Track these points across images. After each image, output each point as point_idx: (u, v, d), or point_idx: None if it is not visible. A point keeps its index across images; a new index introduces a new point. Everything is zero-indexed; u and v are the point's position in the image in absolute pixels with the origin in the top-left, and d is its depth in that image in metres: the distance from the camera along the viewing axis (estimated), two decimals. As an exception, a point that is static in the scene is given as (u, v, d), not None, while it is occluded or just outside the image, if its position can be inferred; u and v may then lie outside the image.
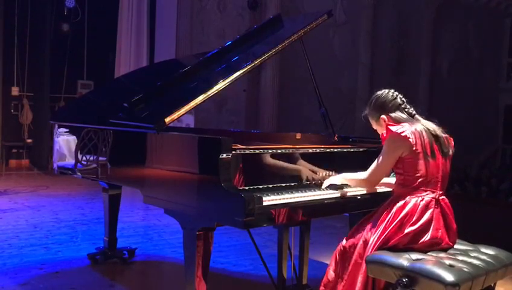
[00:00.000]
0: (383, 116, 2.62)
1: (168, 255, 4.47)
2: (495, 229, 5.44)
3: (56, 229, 5.21)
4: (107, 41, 10.19)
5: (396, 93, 2.67)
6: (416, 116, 2.62)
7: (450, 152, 2.58)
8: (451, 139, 2.63)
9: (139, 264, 4.20)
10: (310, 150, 2.91)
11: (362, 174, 2.65)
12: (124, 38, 10.04)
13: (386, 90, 2.68)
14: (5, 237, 4.76)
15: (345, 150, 3.12)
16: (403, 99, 2.65)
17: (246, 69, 2.98)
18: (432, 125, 2.57)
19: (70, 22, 10.30)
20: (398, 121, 2.57)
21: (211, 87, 2.84)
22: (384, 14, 12.20)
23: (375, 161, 2.57)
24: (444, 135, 2.57)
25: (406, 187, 2.50)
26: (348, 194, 2.80)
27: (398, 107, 2.61)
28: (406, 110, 2.62)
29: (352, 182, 2.75)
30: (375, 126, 2.72)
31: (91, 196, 7.04)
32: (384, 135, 2.55)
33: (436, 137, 2.53)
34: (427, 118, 2.63)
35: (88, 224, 5.47)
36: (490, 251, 2.51)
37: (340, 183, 2.78)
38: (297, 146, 2.94)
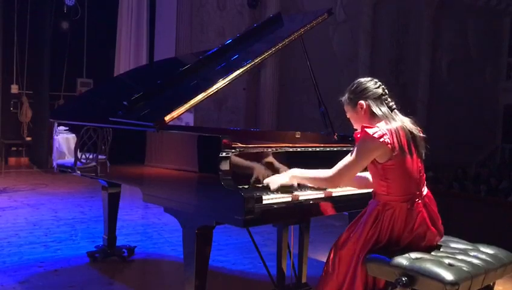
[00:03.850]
0: (362, 101, 2.46)
1: (167, 253, 4.47)
2: (494, 228, 5.45)
3: (55, 227, 5.21)
4: (106, 39, 10.19)
5: (379, 83, 2.51)
6: (395, 110, 2.48)
7: (424, 153, 2.46)
8: (423, 135, 2.48)
9: (138, 263, 4.20)
10: (310, 149, 2.91)
11: (323, 173, 2.46)
12: (123, 36, 10.03)
13: (369, 78, 2.53)
14: (4, 235, 4.76)
15: (344, 148, 3.12)
16: (386, 90, 2.49)
17: (246, 67, 2.98)
18: (408, 123, 2.44)
19: (70, 19, 10.28)
20: (375, 114, 2.43)
21: (210, 85, 2.85)
22: (384, 12, 12.19)
23: (343, 160, 2.42)
24: (420, 135, 2.44)
25: (391, 195, 2.40)
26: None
27: (380, 98, 2.46)
28: (386, 102, 2.46)
29: (309, 181, 2.55)
30: (349, 114, 2.56)
31: (90, 194, 7.03)
32: (358, 136, 2.41)
33: (413, 136, 2.40)
34: (406, 114, 2.49)
35: (87, 222, 5.47)
36: (489, 250, 2.51)
37: (289, 183, 2.56)
38: (297, 145, 2.94)
